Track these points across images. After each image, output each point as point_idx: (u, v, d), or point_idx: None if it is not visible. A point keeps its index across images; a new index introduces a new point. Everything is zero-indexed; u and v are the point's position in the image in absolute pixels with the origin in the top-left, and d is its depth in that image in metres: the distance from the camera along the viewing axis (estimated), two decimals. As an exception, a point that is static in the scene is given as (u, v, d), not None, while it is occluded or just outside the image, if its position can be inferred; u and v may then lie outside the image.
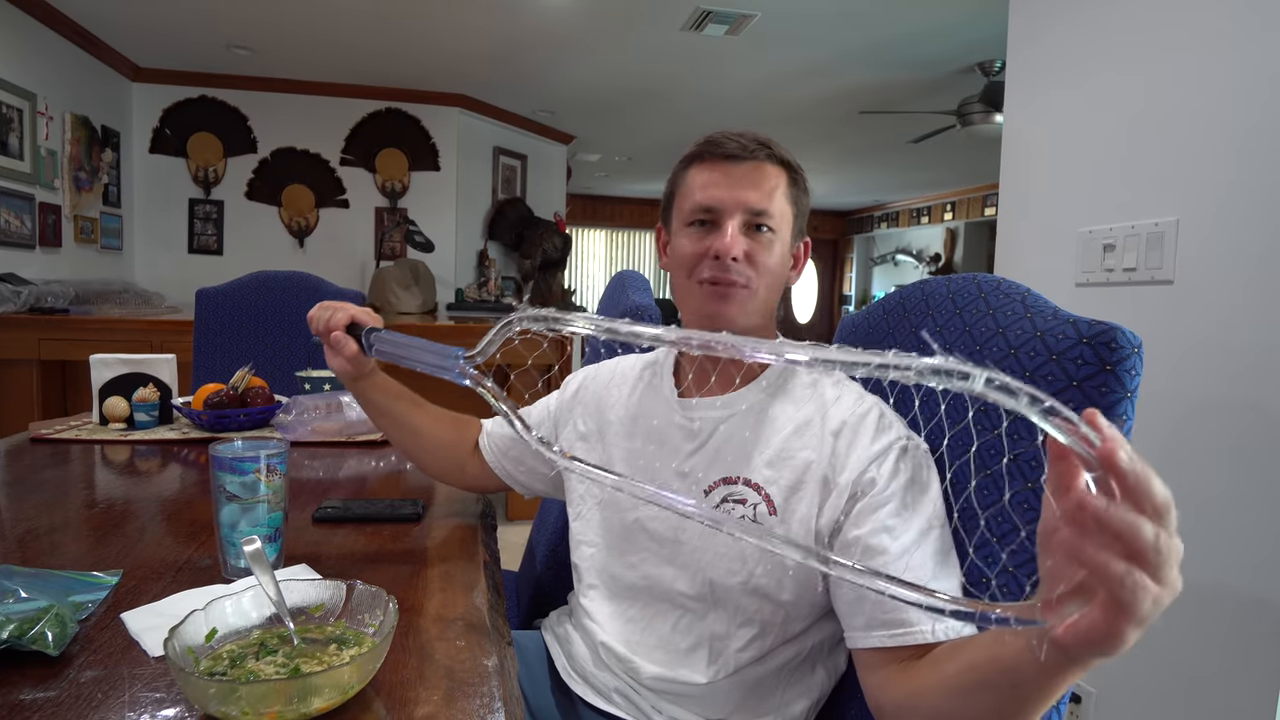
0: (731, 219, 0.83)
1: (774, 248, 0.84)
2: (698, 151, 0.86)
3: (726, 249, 0.81)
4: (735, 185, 0.83)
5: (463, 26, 3.67)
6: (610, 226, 9.79)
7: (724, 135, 0.85)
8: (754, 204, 0.83)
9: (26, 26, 3.41)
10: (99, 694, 0.56)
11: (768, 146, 0.85)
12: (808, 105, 4.87)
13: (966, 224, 8.14)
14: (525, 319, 0.72)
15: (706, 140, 0.86)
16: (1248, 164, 1.27)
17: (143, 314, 3.35)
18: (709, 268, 0.83)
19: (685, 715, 0.83)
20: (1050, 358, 0.73)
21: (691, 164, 0.87)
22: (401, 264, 4.60)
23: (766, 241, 0.84)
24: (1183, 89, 1.38)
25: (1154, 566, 0.39)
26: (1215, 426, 1.31)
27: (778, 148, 0.86)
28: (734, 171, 0.84)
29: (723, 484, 0.82)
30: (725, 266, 0.82)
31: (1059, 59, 1.65)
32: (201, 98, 4.59)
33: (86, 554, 0.86)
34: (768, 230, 0.84)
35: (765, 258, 0.84)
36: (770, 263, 0.84)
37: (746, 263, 0.82)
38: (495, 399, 0.76)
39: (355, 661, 0.55)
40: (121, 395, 1.50)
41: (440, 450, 1.07)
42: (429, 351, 0.84)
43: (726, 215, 0.83)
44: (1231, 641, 1.28)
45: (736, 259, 0.82)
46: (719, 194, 0.83)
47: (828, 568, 0.49)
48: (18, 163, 3.31)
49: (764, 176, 0.84)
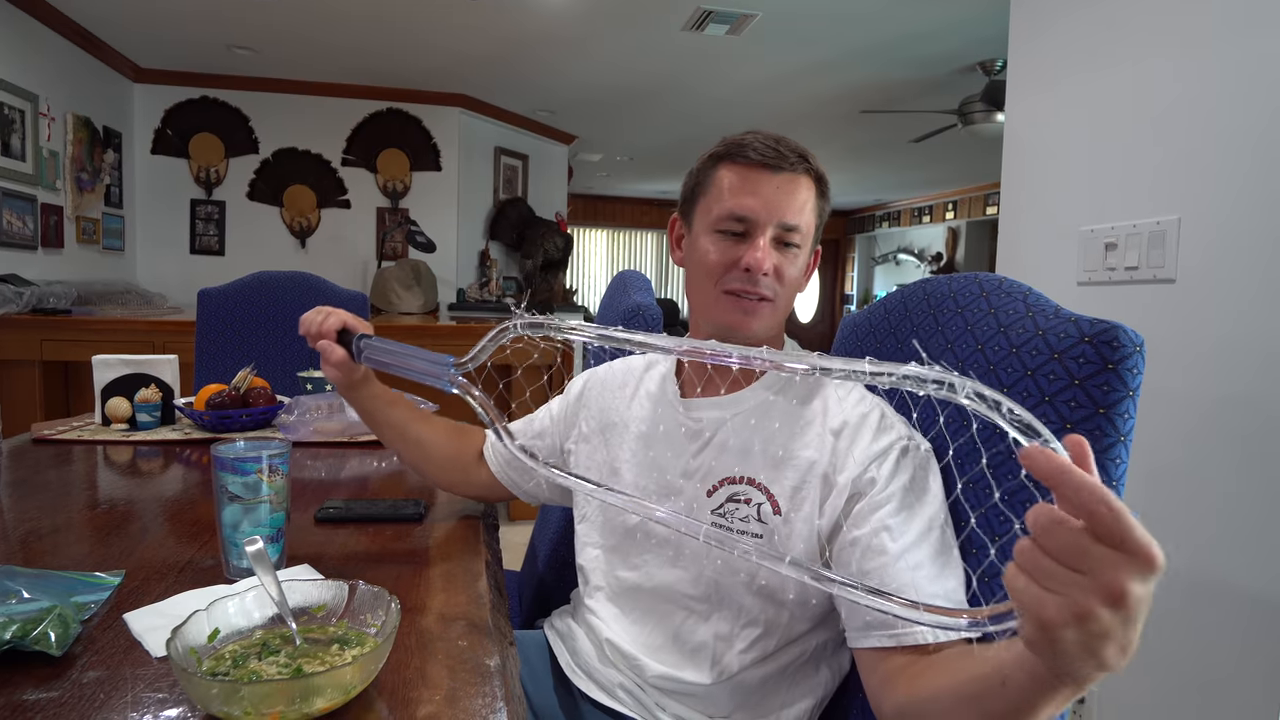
0: (764, 233, 0.81)
1: (799, 261, 0.84)
2: (730, 152, 0.84)
3: (759, 265, 0.80)
4: (771, 197, 0.81)
5: (463, 27, 3.67)
6: (612, 226, 9.78)
7: (760, 139, 0.83)
8: (789, 219, 0.82)
9: (28, 28, 3.42)
10: (101, 694, 0.56)
11: (805, 159, 0.83)
12: (809, 104, 4.87)
13: (968, 223, 8.13)
14: (521, 326, 0.72)
15: (739, 141, 0.83)
16: (1249, 162, 1.27)
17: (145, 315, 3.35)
18: (737, 280, 0.82)
19: (689, 714, 0.83)
20: (1052, 356, 0.73)
21: (721, 162, 0.85)
22: (403, 264, 4.60)
23: (794, 256, 0.83)
24: (1184, 87, 1.38)
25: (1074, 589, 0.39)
26: (1218, 425, 1.31)
27: (814, 160, 0.84)
28: (770, 182, 0.81)
29: (726, 483, 0.82)
30: (755, 280, 0.81)
31: (1060, 58, 1.65)
32: (203, 98, 4.60)
33: (89, 555, 0.86)
34: (796, 245, 0.83)
35: (791, 272, 0.84)
36: (795, 276, 0.84)
37: (774, 277, 0.82)
38: (482, 408, 0.76)
39: (357, 661, 0.55)
40: (124, 396, 1.50)
41: (445, 461, 1.05)
42: (420, 359, 0.84)
43: (759, 228, 0.81)
44: (1237, 641, 1.28)
45: (767, 273, 0.81)
46: (753, 204, 0.81)
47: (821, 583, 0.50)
48: (20, 164, 3.32)
49: (798, 189, 0.82)
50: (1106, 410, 0.68)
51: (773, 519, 0.79)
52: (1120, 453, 0.68)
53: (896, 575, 0.69)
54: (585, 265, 9.75)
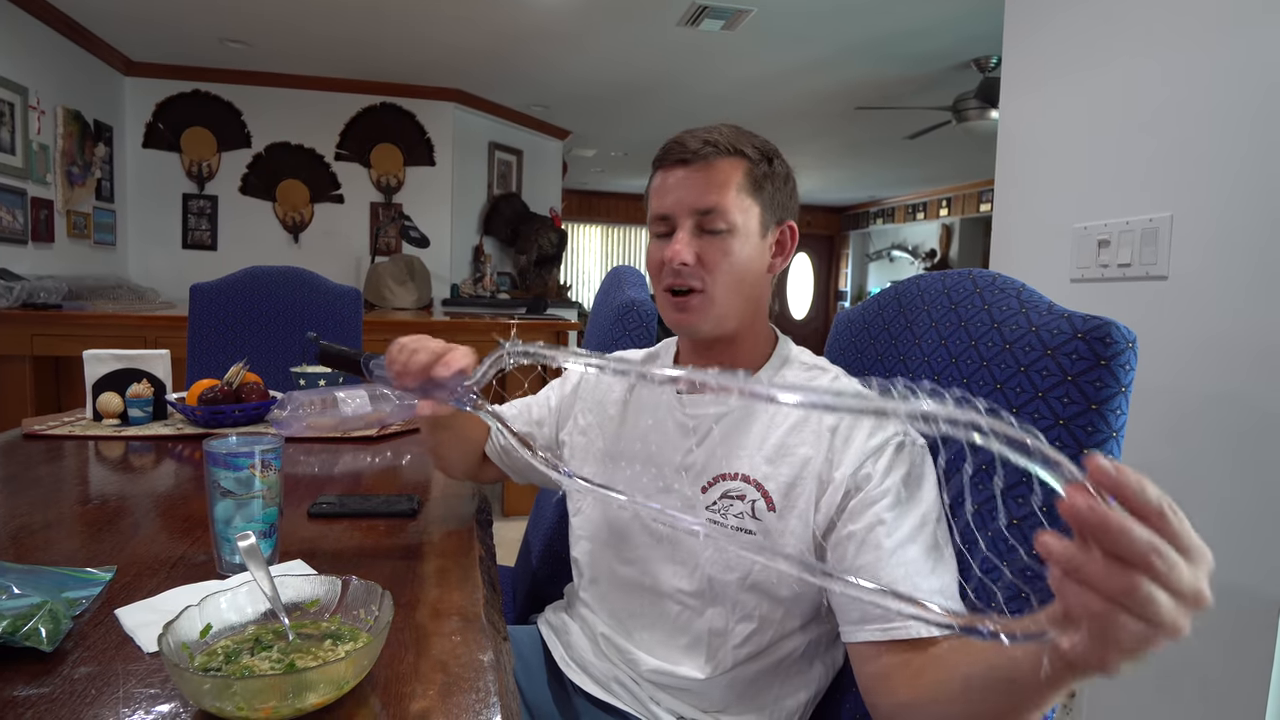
0: (683, 226, 0.83)
1: (730, 245, 0.82)
2: (658, 156, 0.86)
3: (672, 256, 0.82)
4: (683, 189, 0.83)
5: (457, 21, 3.66)
6: (606, 222, 9.77)
7: (682, 136, 0.84)
8: (700, 205, 0.82)
9: (18, 20, 3.39)
10: (93, 690, 0.56)
11: (715, 143, 0.82)
12: (803, 101, 4.87)
13: (962, 220, 8.15)
14: (515, 354, 0.74)
15: (667, 143, 0.85)
16: (1242, 160, 1.27)
17: (136, 309, 3.33)
18: (667, 275, 0.84)
19: (683, 708, 0.84)
20: (1045, 353, 0.73)
21: (654, 170, 0.87)
22: (396, 259, 4.59)
23: (721, 241, 0.82)
24: (1177, 85, 1.38)
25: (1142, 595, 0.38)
26: (1209, 421, 1.32)
27: (728, 138, 0.83)
28: (681, 174, 0.83)
29: (721, 479, 0.82)
30: (676, 272, 0.83)
31: (1054, 55, 1.65)
32: (195, 92, 4.56)
33: (80, 550, 0.85)
34: (723, 229, 0.82)
35: (718, 258, 0.82)
36: (727, 262, 0.82)
37: (699, 266, 0.82)
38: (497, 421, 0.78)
39: (350, 657, 0.55)
40: (115, 391, 1.49)
41: (475, 450, 1.05)
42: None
43: (677, 222, 0.83)
44: (1223, 635, 1.29)
45: (686, 263, 0.82)
46: (668, 201, 0.84)
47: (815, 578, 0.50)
48: (10, 157, 3.29)
49: (713, 174, 0.82)
50: (1099, 406, 0.68)
51: (767, 515, 0.79)
52: (1112, 448, 0.68)
53: (890, 570, 0.69)
54: (579, 261, 9.74)
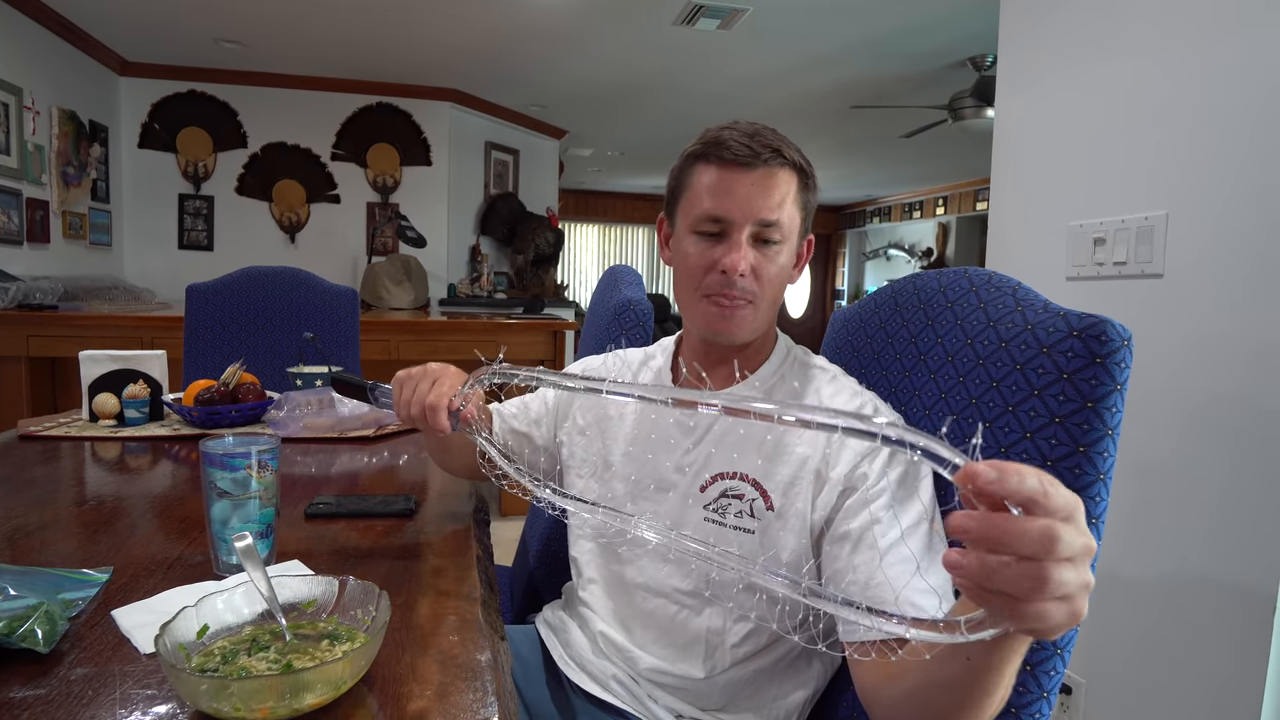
0: (740, 232, 0.80)
1: (780, 258, 0.82)
2: (706, 150, 0.82)
3: (734, 266, 0.79)
4: (746, 195, 0.79)
5: (454, 20, 3.65)
6: (603, 221, 9.77)
7: (734, 134, 0.81)
8: (764, 216, 0.80)
9: (12, 20, 3.38)
10: (90, 691, 0.56)
11: (779, 151, 0.80)
12: (800, 99, 4.87)
13: (958, 218, 8.16)
14: (498, 374, 0.75)
15: (715, 139, 0.81)
16: (1238, 158, 1.28)
17: (132, 310, 3.32)
18: (716, 283, 0.81)
19: (682, 706, 0.84)
20: (1041, 350, 0.73)
21: (699, 162, 0.83)
22: (393, 259, 4.58)
23: (774, 253, 0.82)
24: (1172, 83, 1.39)
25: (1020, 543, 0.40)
26: (1205, 418, 1.32)
27: (789, 149, 0.82)
28: (744, 179, 0.80)
29: (720, 479, 0.82)
30: (731, 283, 0.80)
31: (1050, 53, 1.65)
32: (190, 92, 4.55)
33: (76, 551, 0.85)
34: (777, 241, 0.81)
35: (771, 270, 0.82)
36: (776, 274, 0.82)
37: (752, 278, 0.81)
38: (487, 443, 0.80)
39: (348, 657, 0.55)
40: (111, 392, 1.49)
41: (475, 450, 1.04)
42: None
43: (735, 228, 0.80)
44: (1219, 631, 1.30)
45: (744, 274, 0.80)
46: (727, 204, 0.80)
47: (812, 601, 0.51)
48: (5, 158, 3.28)
49: (775, 184, 0.80)
50: (1094, 404, 0.69)
51: (765, 514, 0.79)
52: (1108, 446, 0.69)
53: (886, 568, 0.70)
54: (576, 260, 9.74)
